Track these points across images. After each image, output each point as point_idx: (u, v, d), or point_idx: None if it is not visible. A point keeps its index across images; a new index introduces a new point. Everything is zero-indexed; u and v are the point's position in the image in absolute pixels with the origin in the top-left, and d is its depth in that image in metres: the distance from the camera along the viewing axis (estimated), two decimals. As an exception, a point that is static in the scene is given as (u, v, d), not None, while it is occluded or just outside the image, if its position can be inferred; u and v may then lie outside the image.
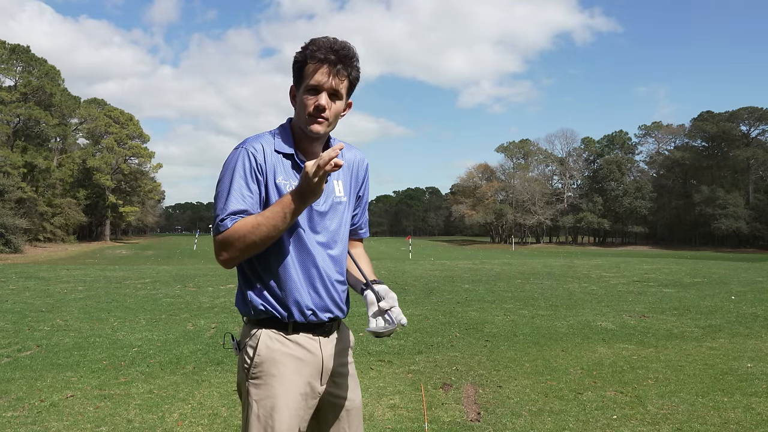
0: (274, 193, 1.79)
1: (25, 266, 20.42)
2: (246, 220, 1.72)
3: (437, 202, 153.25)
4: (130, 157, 75.29)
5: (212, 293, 10.88)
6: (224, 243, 1.73)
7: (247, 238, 1.71)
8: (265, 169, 1.79)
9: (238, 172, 1.76)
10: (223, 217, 1.73)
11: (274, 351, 1.81)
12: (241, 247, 1.72)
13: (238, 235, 1.71)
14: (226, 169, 1.79)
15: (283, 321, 1.82)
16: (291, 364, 1.81)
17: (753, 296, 10.97)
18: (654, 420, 3.96)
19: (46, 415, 3.99)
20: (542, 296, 10.88)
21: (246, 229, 1.70)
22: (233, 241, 1.72)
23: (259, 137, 1.85)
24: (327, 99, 1.78)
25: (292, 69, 1.84)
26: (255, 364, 1.81)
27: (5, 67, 55.81)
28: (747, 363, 5.60)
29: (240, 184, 1.75)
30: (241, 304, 1.88)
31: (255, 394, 1.79)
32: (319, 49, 1.77)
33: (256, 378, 1.81)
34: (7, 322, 7.54)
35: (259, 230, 1.70)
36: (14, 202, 48.14)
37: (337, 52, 1.77)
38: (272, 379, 1.79)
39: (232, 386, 4.72)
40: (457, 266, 19.69)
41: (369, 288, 1.90)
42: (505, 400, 4.40)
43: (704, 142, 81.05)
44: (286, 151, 1.84)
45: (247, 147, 1.80)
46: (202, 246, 48.14)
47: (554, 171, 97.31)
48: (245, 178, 1.76)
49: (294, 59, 1.82)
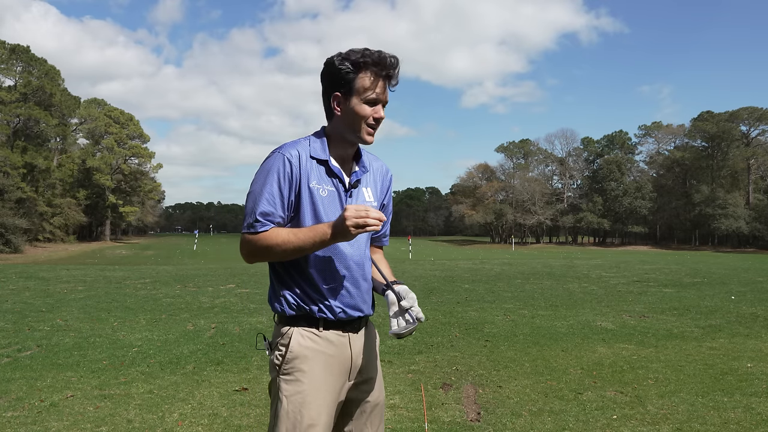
0: (306, 196, 1.86)
1: (25, 266, 20.41)
2: (278, 233, 1.81)
3: (437, 202, 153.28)
4: (130, 157, 75.32)
5: (212, 293, 10.88)
6: (251, 245, 1.84)
7: (273, 249, 1.81)
8: (299, 173, 1.85)
9: (272, 176, 1.83)
10: (256, 218, 1.81)
11: (305, 348, 1.86)
12: (264, 254, 1.84)
13: (266, 244, 1.81)
14: (262, 171, 1.86)
15: (314, 318, 1.88)
16: (321, 361, 1.87)
17: (753, 296, 10.98)
18: (654, 420, 3.96)
19: (46, 415, 3.99)
20: (542, 296, 10.88)
21: (275, 241, 1.80)
22: (260, 247, 1.82)
23: (296, 143, 1.91)
24: (382, 110, 1.90)
25: (336, 77, 1.86)
26: (287, 361, 1.86)
27: (5, 67, 55.78)
28: (747, 363, 5.60)
29: (272, 188, 1.82)
30: (273, 302, 1.94)
31: (285, 389, 1.84)
32: (377, 64, 1.84)
33: (287, 374, 1.85)
34: (7, 322, 7.55)
35: (286, 246, 1.79)
36: (14, 202, 48.13)
37: (392, 67, 1.86)
38: (303, 375, 1.84)
39: (232, 386, 4.73)
40: (457, 266, 19.69)
41: (390, 288, 1.96)
42: (505, 400, 4.40)
43: (704, 142, 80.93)
44: (321, 157, 1.90)
45: (284, 152, 1.86)
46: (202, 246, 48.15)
47: (554, 171, 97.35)
48: (278, 181, 1.83)
49: (340, 69, 1.85)
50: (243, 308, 9.03)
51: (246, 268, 18.10)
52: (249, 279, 13.68)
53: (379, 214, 1.73)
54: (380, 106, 1.89)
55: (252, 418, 3.98)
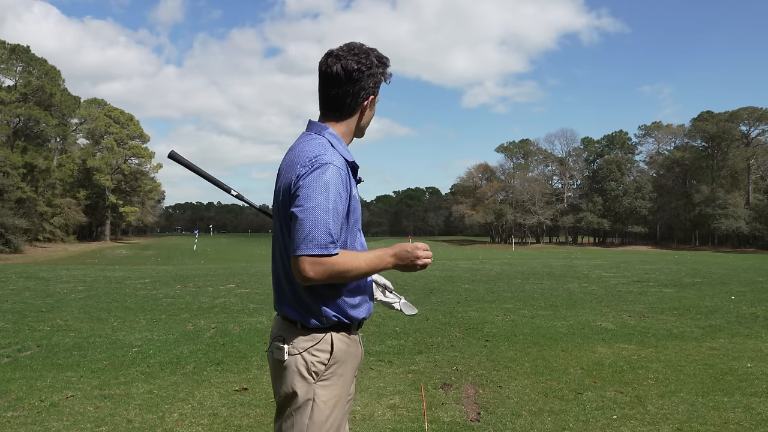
0: (353, 204, 1.85)
1: (25, 266, 20.41)
2: (353, 258, 1.75)
3: (437, 202, 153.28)
4: (130, 157, 75.32)
5: (212, 293, 10.88)
6: (326, 268, 1.69)
7: (347, 274, 1.74)
8: (349, 185, 1.82)
9: (334, 192, 1.73)
10: (331, 240, 1.69)
11: (345, 353, 1.88)
12: (335, 278, 1.73)
13: (342, 269, 1.72)
14: (319, 185, 1.72)
15: (348, 324, 1.89)
16: (352, 363, 1.92)
17: (753, 296, 10.98)
18: (654, 420, 3.96)
19: (46, 415, 3.99)
20: (542, 296, 10.88)
21: (350, 266, 1.73)
22: (335, 271, 1.71)
23: (334, 150, 1.82)
24: None
25: (374, 79, 1.90)
26: (329, 366, 1.84)
27: (5, 67, 55.79)
28: (747, 363, 5.61)
29: (337, 206, 1.73)
30: (307, 317, 1.83)
31: (323, 395, 1.82)
32: (387, 73, 1.96)
33: (326, 380, 1.84)
34: (7, 322, 7.54)
35: (357, 272, 1.76)
36: (14, 202, 48.15)
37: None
38: (340, 379, 1.87)
39: (232, 386, 4.73)
40: (457, 266, 19.69)
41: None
42: (505, 400, 4.40)
43: (704, 142, 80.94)
44: (350, 159, 1.87)
45: (338, 164, 1.77)
46: (202, 246, 48.14)
47: (554, 171, 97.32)
48: (341, 198, 1.75)
49: (377, 72, 1.90)
50: (243, 308, 9.03)
51: (246, 268, 18.09)
52: (249, 279, 13.68)
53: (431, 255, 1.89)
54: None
55: (252, 418, 3.98)
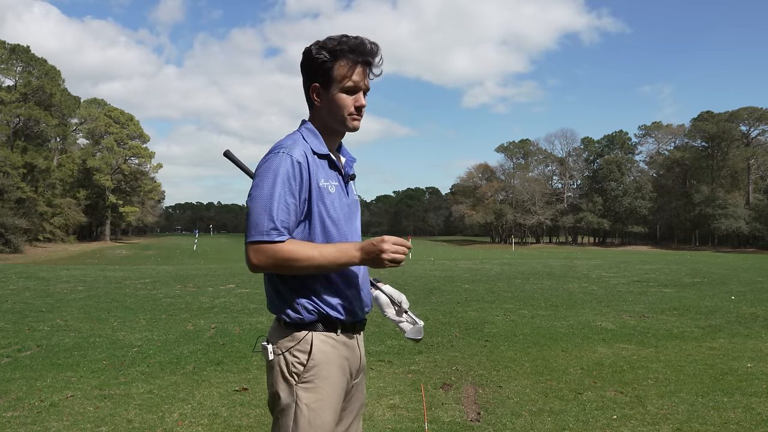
0: (317, 197, 1.78)
1: (25, 266, 20.42)
2: (302, 247, 1.70)
3: (437, 202, 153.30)
4: (130, 158, 75.33)
5: (212, 293, 10.88)
6: (268, 255, 1.69)
7: (294, 264, 1.69)
8: (308, 174, 1.76)
9: (281, 179, 1.71)
10: (274, 226, 1.68)
11: (327, 355, 1.80)
12: (282, 267, 1.71)
13: (287, 257, 1.69)
14: (268, 173, 1.72)
15: (332, 322, 1.82)
16: (339, 366, 1.83)
17: (753, 296, 10.98)
18: (654, 420, 3.96)
19: (46, 415, 3.99)
20: (542, 296, 10.88)
21: (297, 255, 1.69)
22: (279, 259, 1.69)
23: (296, 141, 1.81)
24: (363, 97, 1.84)
25: (313, 67, 1.82)
26: (308, 368, 1.78)
27: (5, 67, 55.82)
28: (747, 363, 5.60)
29: (285, 192, 1.71)
30: (285, 309, 1.81)
31: (306, 398, 1.76)
32: (353, 51, 1.78)
33: (307, 382, 1.77)
34: (7, 322, 7.54)
35: (309, 263, 1.70)
36: (14, 202, 48.16)
37: (371, 53, 1.81)
38: (324, 382, 1.78)
39: (232, 386, 4.72)
40: (457, 266, 19.69)
41: (377, 288, 1.92)
42: (505, 400, 4.40)
43: (704, 142, 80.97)
44: (322, 152, 1.83)
45: (291, 153, 1.75)
46: (202, 246, 48.15)
47: (554, 171, 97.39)
48: (290, 185, 1.72)
49: (316, 58, 1.80)
50: (243, 308, 9.03)
51: (245, 268, 18.06)
52: (249, 279, 13.67)
53: (407, 248, 1.72)
54: (361, 94, 1.82)
55: (252, 418, 3.98)
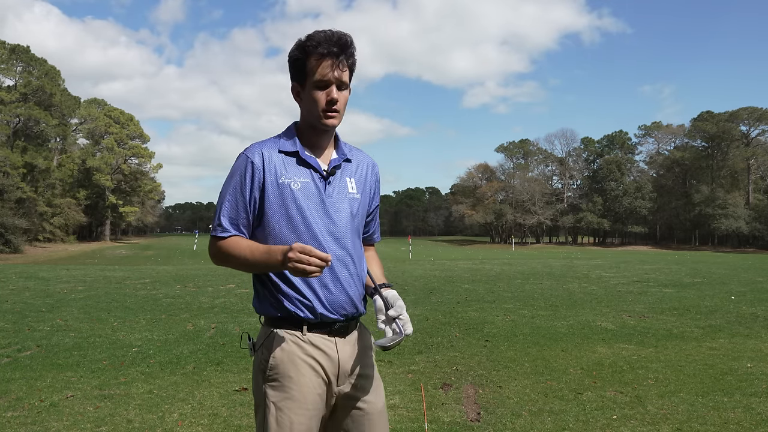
0: (274, 194, 1.80)
1: (25, 266, 20.42)
2: (238, 245, 1.81)
3: (437, 202, 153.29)
4: (130, 158, 75.34)
5: (212, 293, 10.88)
6: (214, 249, 1.87)
7: (231, 260, 1.83)
8: (262, 173, 1.80)
9: (235, 179, 1.83)
10: (219, 223, 1.84)
11: (289, 353, 1.79)
12: (225, 261, 1.86)
13: (226, 252, 1.83)
14: (229, 174, 1.86)
15: (297, 320, 1.80)
16: (307, 365, 1.79)
17: (753, 296, 10.98)
18: (654, 420, 3.96)
19: (46, 415, 3.99)
20: (542, 296, 10.88)
21: (233, 252, 1.81)
22: (222, 253, 1.84)
23: (263, 141, 1.88)
24: (336, 91, 1.80)
25: (291, 66, 1.86)
26: (271, 366, 1.79)
27: (5, 67, 55.80)
28: (747, 363, 5.61)
29: (235, 191, 1.82)
30: (256, 303, 1.90)
31: (273, 395, 1.78)
32: (320, 44, 1.77)
33: (273, 380, 1.79)
34: (7, 322, 7.54)
35: (241, 261, 1.80)
36: (14, 202, 48.15)
37: (337, 44, 1.78)
38: (289, 380, 1.78)
39: (232, 386, 4.73)
40: (457, 266, 19.69)
41: (378, 293, 1.87)
42: (505, 400, 4.40)
43: (704, 142, 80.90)
44: (289, 149, 1.84)
45: (247, 153, 1.84)
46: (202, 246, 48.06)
47: (554, 171, 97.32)
48: (241, 184, 1.82)
49: (291, 57, 1.84)
50: (243, 308, 9.03)
51: (246, 268, 18.06)
52: (249, 279, 13.64)
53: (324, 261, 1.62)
54: (333, 88, 1.79)
55: (252, 418, 3.97)
